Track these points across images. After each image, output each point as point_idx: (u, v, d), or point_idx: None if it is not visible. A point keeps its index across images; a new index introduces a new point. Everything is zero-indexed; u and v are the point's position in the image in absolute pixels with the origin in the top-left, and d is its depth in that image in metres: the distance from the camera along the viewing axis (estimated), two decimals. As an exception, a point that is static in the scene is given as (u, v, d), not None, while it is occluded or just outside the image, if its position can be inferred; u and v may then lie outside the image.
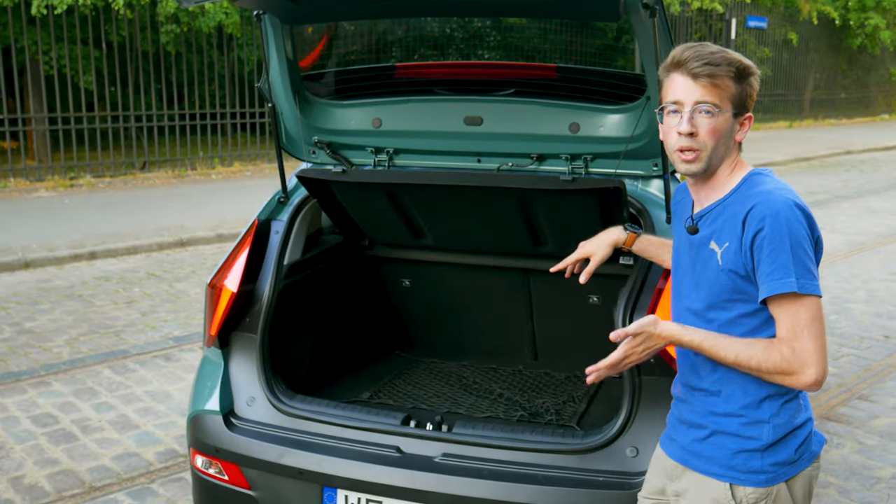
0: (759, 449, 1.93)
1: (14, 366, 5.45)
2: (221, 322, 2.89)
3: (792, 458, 1.93)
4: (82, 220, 9.78)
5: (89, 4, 11.58)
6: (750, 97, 1.94)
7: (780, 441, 1.93)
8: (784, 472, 1.93)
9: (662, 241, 2.46)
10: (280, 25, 3.05)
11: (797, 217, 1.82)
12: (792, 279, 1.79)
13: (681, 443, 2.06)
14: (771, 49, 23.82)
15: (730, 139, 1.94)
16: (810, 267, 1.81)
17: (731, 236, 1.88)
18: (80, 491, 3.88)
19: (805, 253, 1.81)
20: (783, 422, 1.93)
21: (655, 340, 1.91)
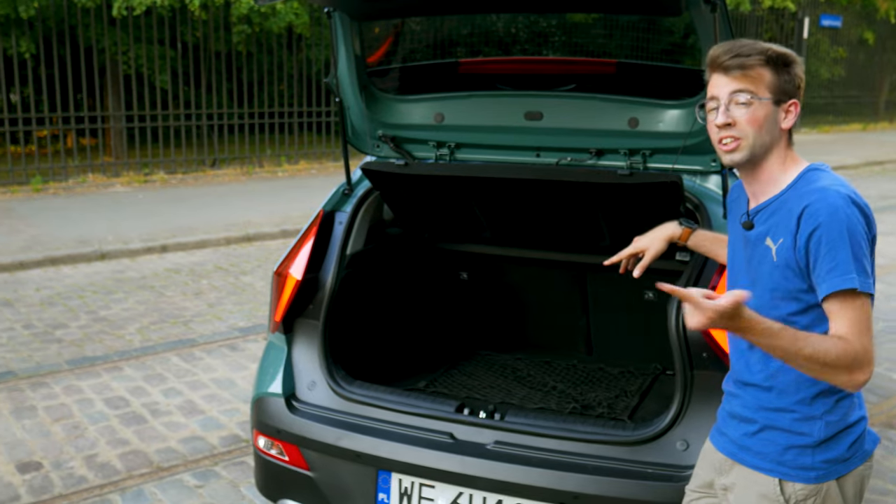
0: (810, 445, 1.91)
1: (89, 351, 5.68)
2: (286, 308, 2.99)
3: (844, 456, 1.92)
4: (155, 214, 10.10)
5: (166, 6, 11.94)
6: (792, 84, 1.92)
7: (833, 438, 1.91)
8: (835, 469, 1.92)
9: (718, 236, 2.46)
10: (349, 22, 3.14)
11: (855, 214, 1.80)
12: (853, 276, 1.77)
13: (731, 437, 2.06)
14: (846, 49, 23.15)
15: (774, 127, 1.92)
16: (866, 265, 1.80)
17: (785, 232, 1.87)
18: (148, 470, 4.04)
19: (862, 251, 1.79)
20: (836, 419, 1.91)
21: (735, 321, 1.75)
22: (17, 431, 4.44)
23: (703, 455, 2.21)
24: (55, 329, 6.12)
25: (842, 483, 1.93)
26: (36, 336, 5.96)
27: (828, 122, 22.71)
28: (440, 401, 2.83)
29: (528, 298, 3.84)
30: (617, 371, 3.53)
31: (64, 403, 4.81)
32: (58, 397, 4.89)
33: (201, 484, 3.92)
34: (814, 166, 1.94)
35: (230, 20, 13.17)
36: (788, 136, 1.96)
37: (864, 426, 1.96)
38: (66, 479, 3.95)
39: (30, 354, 5.59)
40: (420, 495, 2.67)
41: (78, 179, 11.99)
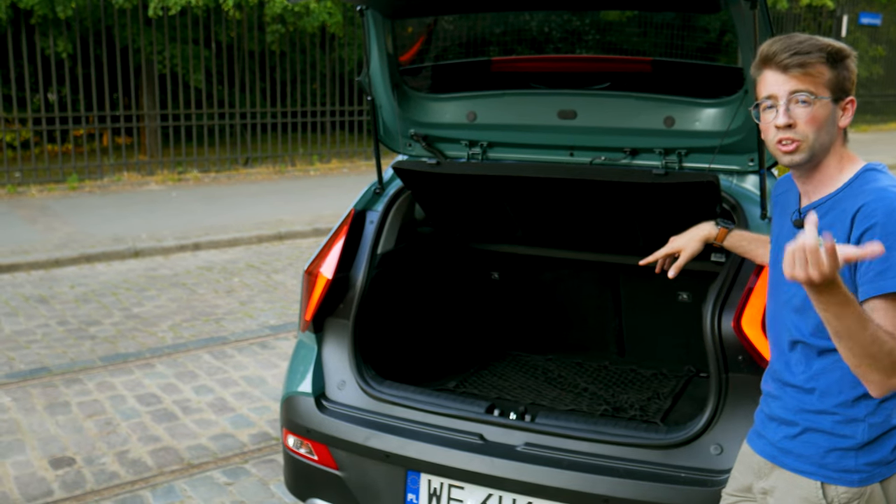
0: (853, 448, 1.87)
1: (122, 348, 5.73)
2: (316, 307, 2.98)
3: (888, 459, 1.87)
4: (188, 212, 10.19)
5: (201, 6, 12.04)
6: (848, 80, 1.88)
7: (876, 440, 1.86)
8: (879, 472, 1.87)
9: (755, 236, 2.40)
10: (382, 20, 3.12)
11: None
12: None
13: (770, 439, 2.01)
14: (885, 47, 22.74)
15: (833, 126, 1.88)
16: None
17: (838, 233, 1.80)
18: (178, 467, 4.06)
19: None
20: (880, 420, 1.86)
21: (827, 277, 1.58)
22: (50, 427, 4.49)
23: (740, 458, 2.16)
24: (89, 326, 6.19)
25: (886, 485, 1.88)
26: (70, 333, 6.03)
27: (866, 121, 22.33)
28: (470, 401, 2.80)
29: (560, 299, 3.80)
30: (649, 373, 3.48)
31: (97, 400, 4.86)
32: (91, 393, 4.94)
33: (231, 481, 3.93)
34: (871, 166, 1.89)
35: (264, 20, 13.25)
36: (844, 135, 1.92)
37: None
38: (98, 474, 3.98)
39: (64, 351, 5.66)
40: (449, 496, 2.65)
41: (113, 178, 12.13)
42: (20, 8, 11.18)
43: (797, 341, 1.94)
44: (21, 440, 4.33)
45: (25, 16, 11.44)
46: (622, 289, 3.61)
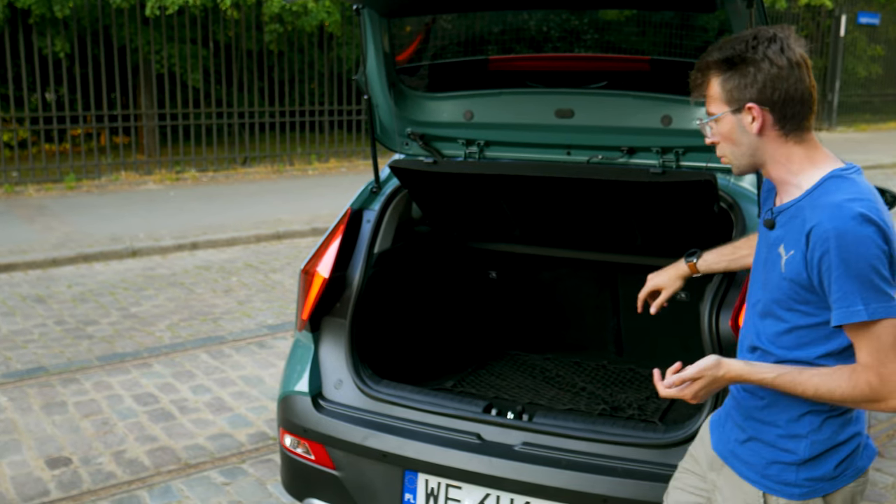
0: (794, 463, 1.85)
1: (119, 347, 5.72)
2: (313, 307, 2.97)
3: (831, 475, 1.84)
4: (186, 212, 10.17)
5: (198, 5, 12.02)
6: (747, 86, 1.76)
7: (819, 457, 1.84)
8: (821, 487, 1.85)
9: (739, 243, 2.36)
10: (378, 19, 3.12)
11: (866, 234, 1.65)
12: (860, 307, 1.66)
13: (725, 438, 2.02)
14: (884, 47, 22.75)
15: (746, 136, 1.80)
16: (884, 288, 1.67)
17: (795, 246, 1.76)
18: (176, 467, 4.05)
19: (876, 273, 1.66)
20: (823, 438, 1.83)
21: (719, 383, 1.82)
22: (47, 427, 4.48)
23: (700, 437, 2.15)
24: (86, 325, 6.18)
25: (829, 501, 1.86)
26: (67, 332, 6.02)
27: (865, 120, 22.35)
28: (468, 401, 2.80)
29: (558, 298, 3.79)
30: (647, 372, 3.47)
31: (94, 399, 4.84)
32: (88, 393, 4.93)
33: (228, 481, 3.92)
34: (835, 172, 1.77)
35: (262, 19, 13.24)
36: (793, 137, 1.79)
37: (856, 443, 1.87)
38: (95, 474, 3.97)
39: (61, 350, 5.64)
40: (447, 496, 2.64)
41: (111, 177, 12.12)
42: (17, 7, 11.16)
43: (756, 347, 1.91)
44: (18, 440, 4.32)
45: (23, 15, 11.42)
46: (620, 288, 3.61)
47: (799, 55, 1.75)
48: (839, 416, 1.83)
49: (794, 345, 1.82)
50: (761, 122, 1.77)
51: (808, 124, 1.80)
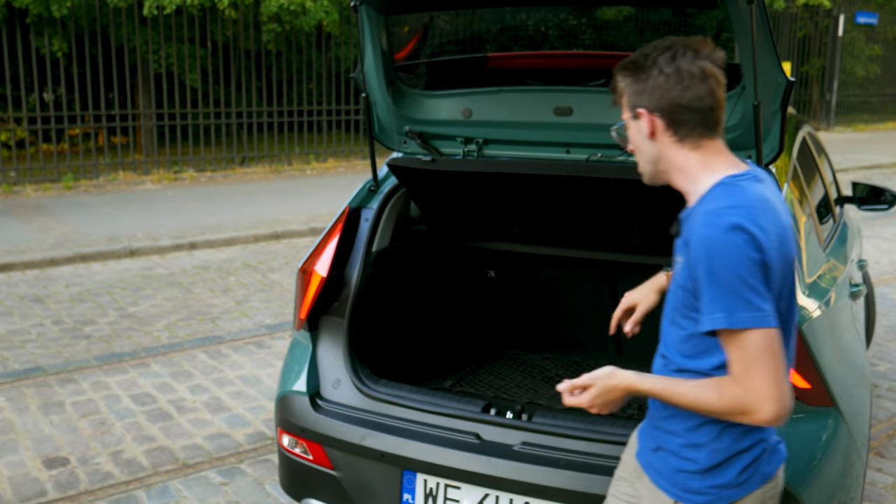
0: (696, 471, 1.84)
1: (117, 347, 5.70)
2: (311, 306, 2.96)
3: (736, 482, 1.83)
4: (184, 212, 10.15)
5: (196, 5, 12.00)
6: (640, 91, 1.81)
7: (721, 465, 1.83)
8: (727, 494, 1.83)
9: None
10: (376, 16, 3.10)
11: (734, 243, 1.64)
12: (719, 315, 1.66)
13: (643, 446, 2.02)
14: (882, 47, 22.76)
15: (644, 143, 1.85)
16: (751, 298, 1.65)
17: (683, 253, 1.78)
18: (173, 467, 4.04)
19: (743, 283, 1.64)
20: (723, 446, 1.82)
21: (613, 393, 1.85)
22: (44, 427, 4.46)
23: (630, 444, 2.15)
24: (84, 325, 6.16)
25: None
26: (65, 332, 6.00)
27: (863, 120, 22.36)
28: (466, 400, 2.78)
29: (557, 297, 3.78)
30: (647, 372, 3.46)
31: (91, 399, 4.83)
32: (85, 393, 4.91)
33: (226, 481, 3.90)
34: (726, 179, 1.77)
35: (260, 19, 13.22)
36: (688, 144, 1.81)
37: (761, 449, 1.85)
38: (92, 474, 3.96)
39: (59, 350, 5.63)
40: (445, 496, 2.63)
41: (109, 177, 12.10)
42: (15, 7, 11.14)
43: (664, 355, 1.91)
44: (15, 440, 4.30)
45: (21, 15, 11.40)
46: (620, 286, 3.59)
47: (698, 66, 1.77)
48: (735, 425, 1.81)
49: (692, 353, 1.82)
50: (651, 127, 1.82)
51: (707, 132, 1.80)
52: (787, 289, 1.75)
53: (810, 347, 2.38)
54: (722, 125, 1.83)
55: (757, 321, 1.65)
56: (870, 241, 8.73)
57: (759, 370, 1.66)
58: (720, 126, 1.82)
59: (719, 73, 1.79)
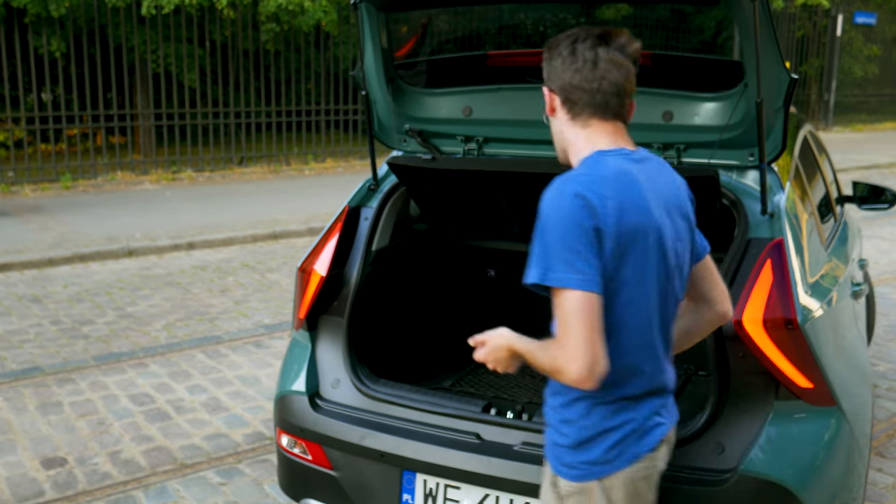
0: (568, 446, 1.92)
1: (115, 347, 5.68)
2: (310, 305, 2.94)
3: (604, 458, 1.89)
4: (182, 212, 10.14)
5: (195, 4, 11.99)
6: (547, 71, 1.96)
7: (589, 441, 1.89)
8: (595, 470, 1.89)
9: None
10: (376, 14, 3.08)
11: (567, 205, 1.75)
12: (536, 270, 1.76)
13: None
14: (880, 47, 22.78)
15: (549, 119, 2.01)
16: (572, 260, 1.72)
17: None
18: (172, 467, 4.02)
19: (565, 244, 1.73)
20: (591, 423, 1.89)
21: (500, 351, 1.95)
22: (42, 427, 4.44)
23: None
24: (82, 325, 6.14)
25: (606, 484, 1.90)
26: (63, 332, 5.98)
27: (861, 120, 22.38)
28: (466, 400, 2.76)
29: None
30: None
31: (89, 399, 4.81)
32: (83, 393, 4.89)
33: (225, 481, 3.89)
34: (592, 155, 1.90)
35: (258, 18, 13.20)
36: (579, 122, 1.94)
37: (629, 429, 1.90)
38: (90, 475, 3.94)
39: (57, 350, 5.61)
40: (445, 496, 2.61)
41: (107, 177, 12.08)
42: (13, 7, 11.11)
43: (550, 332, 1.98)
44: (13, 440, 4.28)
45: (19, 14, 11.38)
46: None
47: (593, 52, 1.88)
48: (609, 403, 1.88)
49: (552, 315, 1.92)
50: (551, 104, 1.97)
51: (597, 112, 1.91)
52: (637, 259, 1.82)
53: (813, 347, 2.37)
54: (619, 110, 1.91)
55: (574, 283, 1.72)
56: (869, 240, 8.72)
57: (571, 330, 1.73)
58: (613, 110, 1.91)
59: (621, 60, 1.88)
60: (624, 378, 1.87)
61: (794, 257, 2.52)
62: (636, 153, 1.93)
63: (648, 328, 1.88)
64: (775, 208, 2.61)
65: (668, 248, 1.89)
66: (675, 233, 1.92)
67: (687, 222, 1.99)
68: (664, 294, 1.91)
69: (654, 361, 1.93)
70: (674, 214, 1.93)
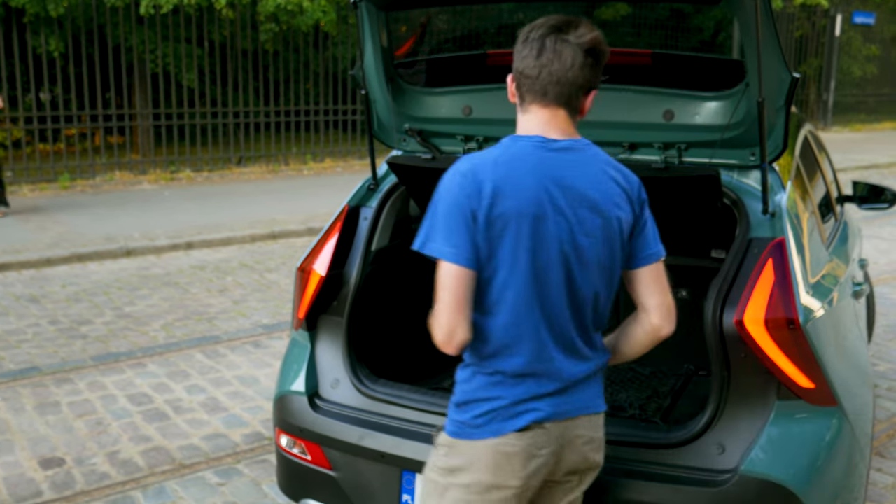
0: (454, 403, 2.08)
1: (114, 347, 5.67)
2: (309, 305, 2.93)
3: (473, 423, 2.01)
4: (181, 211, 10.12)
5: (193, 4, 11.97)
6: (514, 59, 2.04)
7: (466, 404, 2.03)
8: (466, 432, 2.02)
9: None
10: (376, 13, 3.07)
11: (453, 182, 1.90)
12: (418, 237, 1.91)
13: None
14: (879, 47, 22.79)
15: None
16: (448, 234, 1.87)
17: None
18: (170, 467, 4.01)
19: (444, 219, 1.88)
20: (470, 388, 2.03)
21: None
22: (40, 427, 4.43)
23: None
24: (80, 325, 6.13)
25: (474, 446, 2.00)
26: (61, 332, 5.97)
27: (860, 120, 22.38)
28: None
29: None
30: (648, 371, 3.43)
31: (87, 399, 4.79)
32: (81, 393, 4.88)
33: (223, 482, 3.87)
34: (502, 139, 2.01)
35: (257, 18, 13.19)
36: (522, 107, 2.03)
37: (496, 405, 2.00)
38: (89, 475, 3.92)
39: (55, 350, 5.59)
40: None
41: (105, 177, 12.06)
42: (11, 6, 11.10)
43: None
44: (11, 440, 4.27)
45: (17, 14, 11.36)
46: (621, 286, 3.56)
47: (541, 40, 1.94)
48: (489, 374, 2.01)
49: None
50: (510, 88, 2.05)
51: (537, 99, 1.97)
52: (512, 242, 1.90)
53: (814, 347, 2.36)
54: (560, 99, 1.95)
55: (448, 255, 1.88)
56: (868, 240, 8.72)
57: (440, 299, 1.90)
58: (552, 98, 1.95)
59: (568, 50, 1.92)
60: (500, 354, 1.98)
61: (796, 257, 2.51)
62: (558, 143, 1.97)
63: (527, 312, 1.94)
64: (776, 208, 2.60)
65: (555, 238, 1.92)
66: (577, 225, 1.94)
67: (602, 218, 1.97)
68: (552, 283, 1.94)
69: (537, 347, 1.97)
70: (578, 206, 1.94)
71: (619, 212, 1.99)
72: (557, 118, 1.97)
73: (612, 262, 2.02)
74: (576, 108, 1.99)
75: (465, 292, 1.89)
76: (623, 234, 2.02)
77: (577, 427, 2.05)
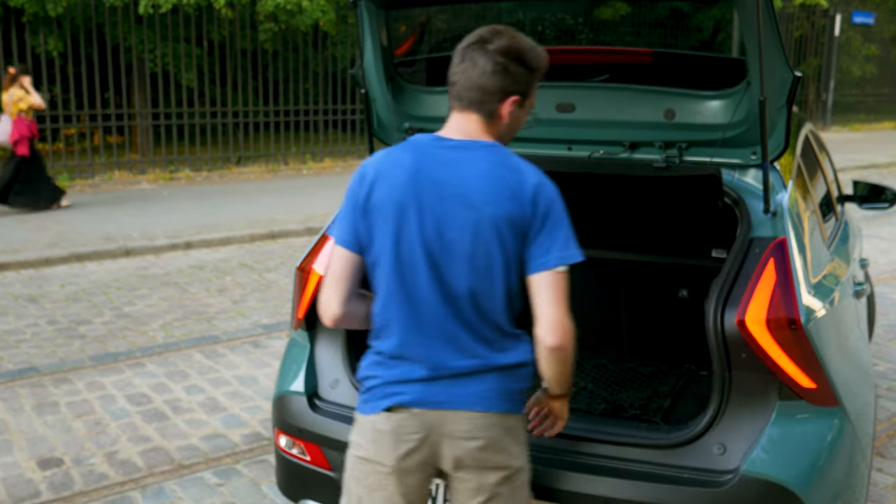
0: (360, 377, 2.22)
1: (112, 347, 5.66)
2: (309, 305, 2.92)
3: (362, 399, 2.15)
4: (180, 211, 10.11)
5: (193, 4, 11.96)
6: None
7: (361, 381, 2.17)
8: (360, 406, 2.16)
9: None
10: (376, 11, 3.06)
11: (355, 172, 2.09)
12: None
13: None
14: (878, 46, 22.78)
15: None
16: (341, 216, 2.08)
17: None
18: (169, 468, 3.99)
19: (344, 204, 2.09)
20: (363, 366, 2.17)
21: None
22: (38, 427, 4.42)
23: None
24: (79, 325, 6.11)
25: (361, 421, 2.15)
26: (60, 332, 5.96)
27: (859, 120, 22.38)
28: None
29: None
30: (648, 371, 3.42)
31: (86, 399, 4.78)
32: (80, 393, 4.87)
33: (222, 482, 3.86)
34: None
35: (256, 18, 13.18)
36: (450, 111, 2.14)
37: (375, 383, 2.11)
38: (87, 475, 3.91)
39: (53, 350, 5.58)
40: (445, 497, 2.59)
41: (104, 177, 12.05)
42: (10, 6, 11.08)
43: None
44: (9, 440, 4.25)
45: (16, 14, 11.34)
46: (622, 285, 3.56)
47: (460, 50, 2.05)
48: (375, 353, 2.13)
49: None
50: None
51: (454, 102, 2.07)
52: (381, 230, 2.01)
53: (816, 347, 2.35)
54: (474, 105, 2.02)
55: (333, 235, 2.12)
56: (868, 240, 8.71)
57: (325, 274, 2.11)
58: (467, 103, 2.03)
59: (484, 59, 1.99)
60: (380, 335, 2.10)
61: (797, 256, 2.50)
62: (450, 141, 2.04)
63: (394, 297, 2.03)
64: (778, 207, 2.59)
65: (417, 229, 1.97)
66: (444, 219, 1.97)
67: (475, 214, 1.96)
68: (417, 273, 1.99)
69: (404, 332, 2.04)
70: (448, 201, 1.97)
71: (496, 209, 1.96)
72: (469, 122, 2.04)
73: (489, 261, 1.99)
74: (491, 112, 2.02)
75: (341, 271, 2.07)
76: (505, 233, 1.98)
77: (455, 421, 2.04)
